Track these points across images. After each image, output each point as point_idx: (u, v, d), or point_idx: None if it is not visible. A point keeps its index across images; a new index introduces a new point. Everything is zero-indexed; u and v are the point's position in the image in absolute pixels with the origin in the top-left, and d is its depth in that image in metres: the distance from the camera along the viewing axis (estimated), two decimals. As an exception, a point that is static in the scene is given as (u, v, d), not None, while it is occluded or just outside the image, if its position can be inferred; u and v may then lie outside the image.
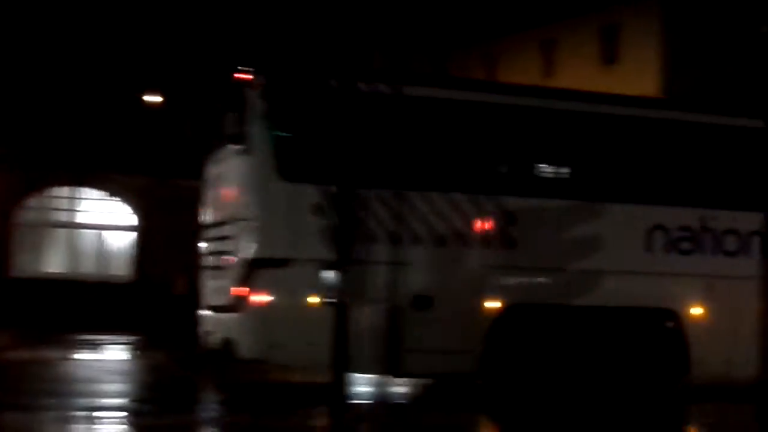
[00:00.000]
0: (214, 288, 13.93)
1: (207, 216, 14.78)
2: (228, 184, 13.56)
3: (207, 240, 14.70)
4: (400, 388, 16.40)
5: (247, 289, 12.38)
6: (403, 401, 14.58)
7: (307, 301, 12.47)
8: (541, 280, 13.45)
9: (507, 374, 13.25)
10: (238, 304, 12.54)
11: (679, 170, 14.52)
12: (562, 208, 13.61)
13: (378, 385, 16.76)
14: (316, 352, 11.76)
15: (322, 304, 12.09)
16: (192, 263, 32.00)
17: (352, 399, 11.73)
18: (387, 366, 12.88)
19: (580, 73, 37.82)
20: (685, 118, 14.78)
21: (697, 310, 14.10)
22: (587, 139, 14.13)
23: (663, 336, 13.94)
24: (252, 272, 12.40)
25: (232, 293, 12.64)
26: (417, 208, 12.83)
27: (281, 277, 12.41)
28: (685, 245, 14.17)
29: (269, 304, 12.37)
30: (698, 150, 14.66)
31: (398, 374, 13.48)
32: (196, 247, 15.74)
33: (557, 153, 14.08)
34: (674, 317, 13.95)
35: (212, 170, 14.62)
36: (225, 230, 13.42)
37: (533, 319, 13.36)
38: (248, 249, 12.51)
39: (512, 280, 13.32)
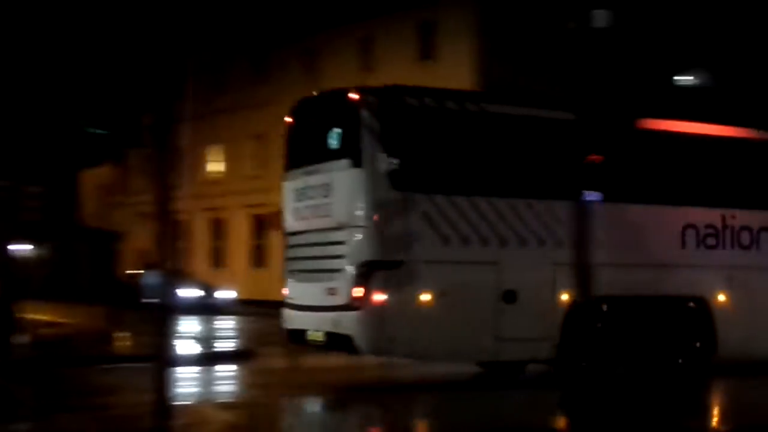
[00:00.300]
0: (309, 289, 15.01)
1: (295, 224, 15.61)
2: (332, 195, 14.48)
3: (296, 246, 15.62)
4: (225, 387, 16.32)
5: (365, 289, 13.63)
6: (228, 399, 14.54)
7: (418, 299, 13.87)
8: (603, 275, 14.77)
9: (579, 359, 14.90)
10: (355, 304, 13.72)
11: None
12: (618, 209, 15.55)
13: (204, 384, 16.65)
14: (429, 345, 14.00)
15: (433, 301, 13.93)
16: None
17: (177, 401, 11.59)
18: (483, 354, 14.77)
19: (398, 69, 38.30)
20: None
21: (722, 297, 16.09)
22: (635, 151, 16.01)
23: (696, 319, 15.85)
24: (369, 274, 13.68)
25: (351, 293, 13.79)
26: (503, 213, 14.52)
27: (394, 278, 13.74)
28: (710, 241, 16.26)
29: (385, 303, 13.70)
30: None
31: (495, 362, 15.55)
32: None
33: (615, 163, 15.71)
34: (704, 303, 15.88)
35: (302, 181, 15.37)
36: (331, 236, 14.39)
37: (598, 309, 15.05)
38: (364, 253, 13.82)
39: (580, 276, 14.72)
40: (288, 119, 16.13)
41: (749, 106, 32.13)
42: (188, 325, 26.87)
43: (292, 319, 15.61)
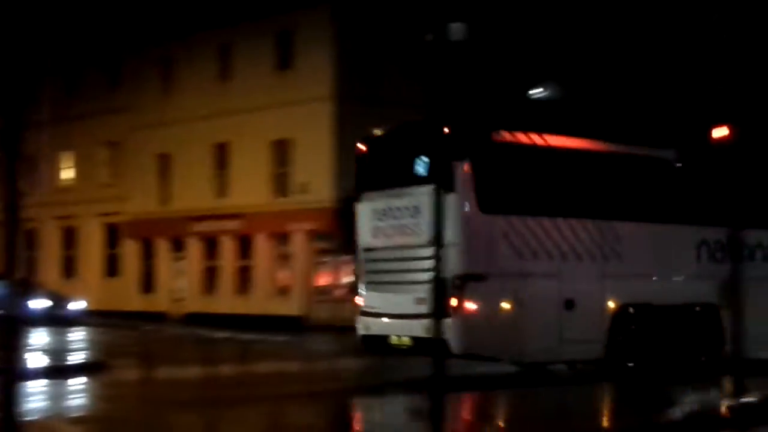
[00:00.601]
0: (394, 299, 16.95)
1: (374, 241, 17.45)
2: (421, 216, 16.13)
3: (377, 260, 17.46)
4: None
5: (458, 299, 15.64)
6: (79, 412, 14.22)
7: (500, 307, 16.16)
8: (640, 285, 17.63)
9: (623, 357, 17.31)
10: (449, 311, 15.45)
11: None
12: (648, 229, 18.00)
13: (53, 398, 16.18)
14: (508, 348, 16.20)
15: (512, 308, 16.21)
16: None
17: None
18: (549, 355, 16.89)
19: (256, 77, 38.20)
20: None
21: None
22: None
23: (710, 323, 18.35)
24: (461, 286, 15.68)
25: (448, 303, 15.52)
26: (563, 231, 16.88)
27: (481, 289, 15.86)
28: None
29: (475, 311, 15.90)
30: None
31: (556, 362, 17.69)
32: None
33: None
34: (716, 309, 18.19)
35: (383, 203, 17.27)
36: (420, 252, 15.93)
37: (636, 315, 17.52)
38: (456, 268, 15.52)
39: (622, 286, 17.44)
40: (362, 147, 18.06)
41: (602, 117, 33.13)
42: (37, 337, 26.12)
43: (371, 326, 17.37)
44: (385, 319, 17.09)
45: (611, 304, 17.25)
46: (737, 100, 17.92)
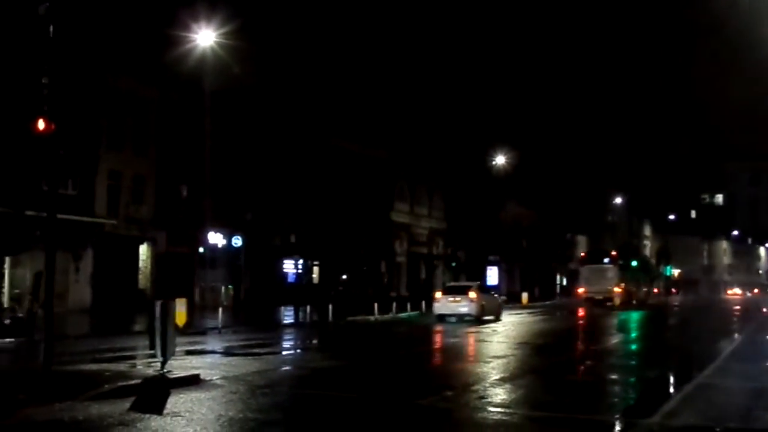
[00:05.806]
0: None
1: (587, 284, 75.10)
2: (605, 271, 73.71)
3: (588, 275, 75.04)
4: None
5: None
6: None
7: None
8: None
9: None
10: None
11: None
12: None
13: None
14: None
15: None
16: None
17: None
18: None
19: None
20: None
21: None
22: None
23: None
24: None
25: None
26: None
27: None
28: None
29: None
30: None
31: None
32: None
33: None
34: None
35: (596, 267, 74.73)
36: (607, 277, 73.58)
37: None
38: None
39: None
40: (582, 254, 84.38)
41: None
42: None
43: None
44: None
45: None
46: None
